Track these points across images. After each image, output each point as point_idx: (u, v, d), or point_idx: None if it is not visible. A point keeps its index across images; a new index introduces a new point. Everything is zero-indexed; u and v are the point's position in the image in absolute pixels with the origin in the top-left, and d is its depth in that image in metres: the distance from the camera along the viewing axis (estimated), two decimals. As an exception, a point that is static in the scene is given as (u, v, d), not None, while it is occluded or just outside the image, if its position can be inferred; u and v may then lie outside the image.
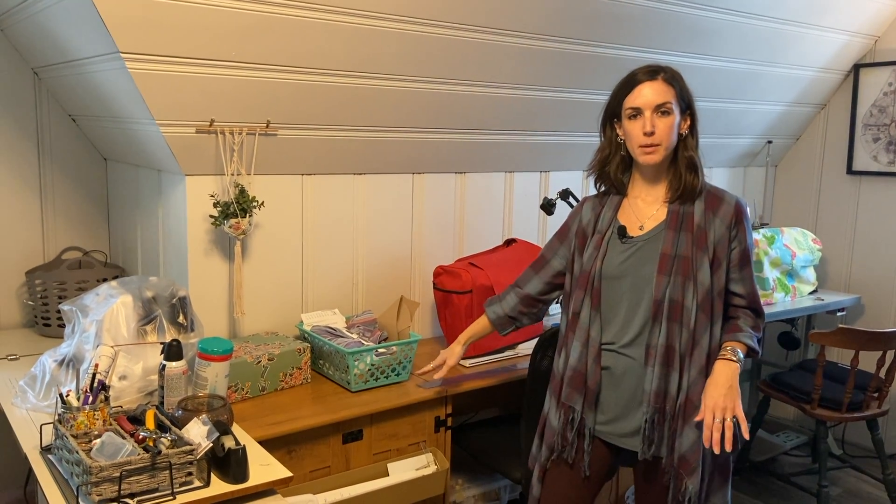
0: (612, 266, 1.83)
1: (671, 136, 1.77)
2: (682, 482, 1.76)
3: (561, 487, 1.90)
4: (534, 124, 2.91)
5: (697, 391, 1.76)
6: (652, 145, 1.76)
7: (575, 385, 1.85)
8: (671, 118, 1.76)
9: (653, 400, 1.76)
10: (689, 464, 1.75)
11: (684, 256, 1.76)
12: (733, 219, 1.78)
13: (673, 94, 1.77)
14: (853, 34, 3.45)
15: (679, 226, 1.78)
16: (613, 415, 1.84)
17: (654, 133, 1.75)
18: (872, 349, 2.93)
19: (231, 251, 2.41)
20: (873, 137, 3.62)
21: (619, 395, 1.83)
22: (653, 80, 1.77)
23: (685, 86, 1.81)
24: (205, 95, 2.13)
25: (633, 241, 1.83)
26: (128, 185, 2.74)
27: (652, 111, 1.76)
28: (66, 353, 2.00)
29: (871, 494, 3.31)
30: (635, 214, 1.86)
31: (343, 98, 2.37)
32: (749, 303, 1.82)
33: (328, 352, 2.36)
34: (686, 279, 1.75)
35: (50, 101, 2.72)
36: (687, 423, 1.76)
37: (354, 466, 2.18)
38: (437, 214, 2.92)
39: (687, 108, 1.80)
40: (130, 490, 1.48)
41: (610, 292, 1.83)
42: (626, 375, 1.81)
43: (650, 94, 1.76)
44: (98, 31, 1.91)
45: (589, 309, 1.84)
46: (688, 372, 1.76)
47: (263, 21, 2.05)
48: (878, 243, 3.67)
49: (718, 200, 1.80)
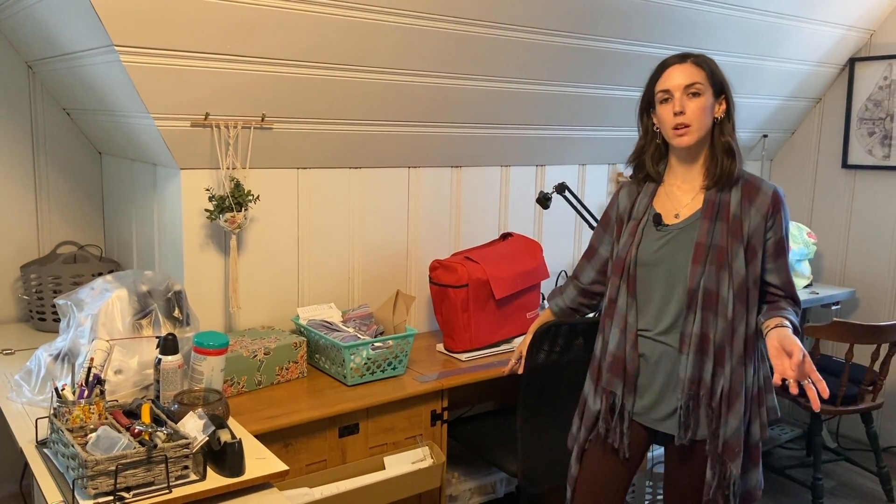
0: (646, 253, 1.85)
1: (703, 117, 1.77)
2: (726, 467, 1.79)
3: (599, 467, 1.95)
4: (530, 118, 2.90)
5: (739, 379, 1.78)
6: (683, 125, 1.76)
7: (615, 371, 1.89)
8: (702, 99, 1.76)
9: (687, 387, 1.79)
10: (733, 449, 1.78)
11: (719, 246, 1.77)
12: (770, 208, 1.77)
13: (703, 75, 1.78)
14: (849, 28, 3.45)
15: (715, 215, 1.79)
16: (650, 400, 1.87)
17: (683, 113, 1.76)
18: (867, 342, 2.94)
19: (227, 245, 2.41)
20: (868, 131, 3.63)
21: (655, 381, 1.86)
22: (682, 63, 1.79)
23: (717, 69, 1.81)
24: (200, 89, 2.12)
25: (669, 229, 1.84)
26: (123, 179, 2.74)
27: (682, 92, 1.76)
28: (62, 348, 2.00)
29: (866, 487, 3.33)
30: (671, 202, 1.86)
31: (339, 92, 2.36)
32: (786, 293, 1.81)
33: (324, 346, 2.36)
34: (721, 269, 1.76)
35: (44, 94, 2.71)
36: (731, 410, 1.78)
37: (351, 460, 2.19)
38: (434, 208, 2.92)
39: (721, 91, 1.80)
40: (126, 484, 1.48)
41: (645, 279, 1.85)
42: (661, 362, 1.84)
43: (679, 75, 1.78)
44: (92, 24, 1.90)
45: (626, 296, 1.87)
46: (729, 361, 1.77)
47: (259, 14, 2.04)
48: (873, 237, 3.68)
49: (755, 189, 1.79)
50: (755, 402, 1.83)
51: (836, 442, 3.69)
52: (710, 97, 1.78)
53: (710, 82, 1.78)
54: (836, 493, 3.27)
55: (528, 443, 2.32)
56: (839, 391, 2.96)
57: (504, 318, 2.67)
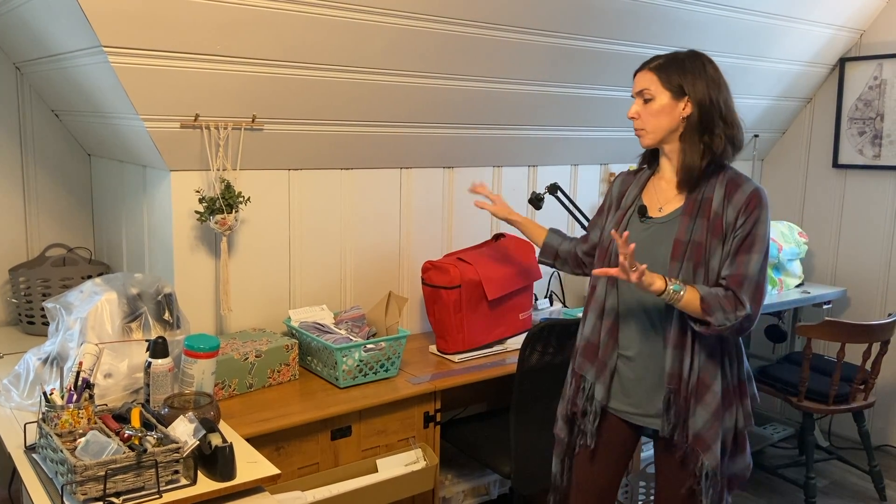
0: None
1: (654, 121, 1.82)
2: (697, 458, 1.82)
3: (587, 471, 1.99)
4: (522, 119, 2.90)
5: (708, 373, 1.81)
6: (639, 129, 1.86)
7: (587, 355, 1.94)
8: (652, 104, 1.82)
9: (667, 381, 1.82)
10: (705, 441, 1.81)
11: (698, 242, 1.78)
12: (744, 206, 1.77)
13: (655, 80, 1.82)
14: (839, 28, 3.46)
15: (695, 212, 1.80)
16: (637, 399, 1.89)
17: (636, 118, 1.86)
18: (858, 341, 2.95)
19: (217, 247, 2.39)
20: (859, 131, 3.64)
21: (643, 378, 1.88)
22: (641, 70, 1.87)
23: (676, 72, 1.81)
24: (189, 90, 2.11)
25: (651, 222, 1.87)
26: (112, 181, 2.72)
27: (638, 97, 1.86)
28: (51, 352, 1.98)
29: (858, 486, 3.34)
30: (657, 195, 1.90)
31: (330, 92, 2.35)
32: (730, 283, 1.75)
33: (316, 348, 2.35)
34: (698, 265, 1.78)
35: (32, 96, 2.69)
36: (699, 403, 1.81)
37: (343, 463, 2.18)
38: (426, 209, 2.91)
39: (682, 93, 1.80)
40: (116, 489, 1.47)
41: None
42: (651, 358, 1.86)
43: (637, 82, 1.87)
44: (80, 25, 1.88)
45: (605, 283, 1.91)
46: (699, 355, 1.80)
47: (249, 15, 2.03)
48: (864, 236, 3.69)
49: (736, 187, 1.80)
50: (737, 393, 1.87)
51: (829, 441, 3.70)
52: (664, 100, 1.81)
53: (664, 86, 1.81)
54: (828, 492, 3.28)
55: (522, 444, 2.31)
56: (831, 390, 2.97)
57: (496, 319, 2.66)
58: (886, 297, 3.63)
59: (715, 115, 1.81)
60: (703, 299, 1.73)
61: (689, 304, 1.74)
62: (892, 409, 3.64)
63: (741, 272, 1.75)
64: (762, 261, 1.77)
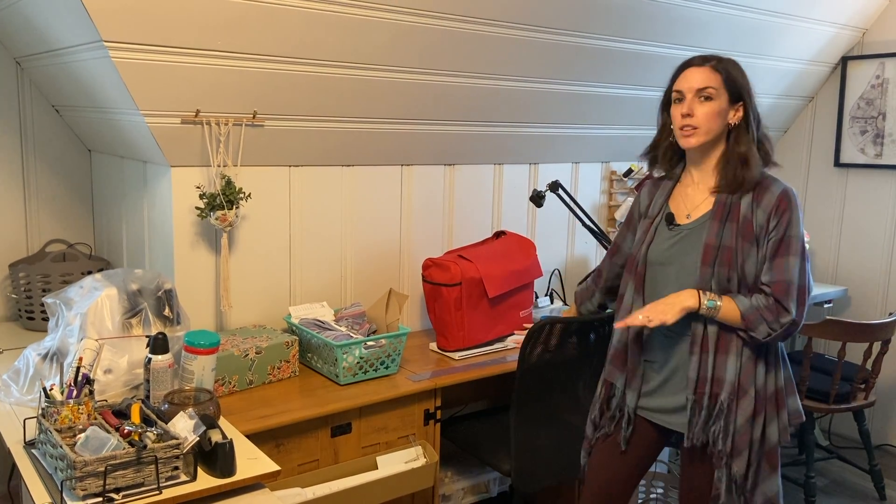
0: (657, 252, 1.86)
1: (711, 122, 1.78)
2: (731, 466, 1.79)
3: (606, 465, 1.99)
4: (523, 116, 2.89)
5: (748, 376, 1.78)
6: (689, 127, 1.78)
7: (616, 364, 1.95)
8: (712, 104, 1.77)
9: (698, 387, 1.79)
10: (737, 447, 1.79)
11: (728, 247, 1.76)
12: (774, 208, 1.74)
13: (719, 80, 1.78)
14: (841, 27, 3.45)
15: (725, 216, 1.78)
16: (654, 385, 1.89)
17: (691, 115, 1.78)
18: (859, 341, 2.94)
19: (217, 243, 2.39)
20: (860, 130, 3.63)
21: (663, 377, 1.88)
22: (700, 66, 1.81)
23: (738, 76, 1.80)
24: (190, 85, 2.10)
25: (680, 229, 1.85)
26: (112, 177, 2.71)
27: (693, 95, 1.78)
28: (50, 347, 1.98)
29: (858, 485, 3.34)
30: (685, 202, 1.88)
31: (331, 89, 2.35)
32: (774, 291, 1.73)
33: (316, 345, 2.35)
34: (731, 269, 1.76)
35: (33, 91, 2.68)
36: (739, 408, 1.78)
37: (343, 460, 2.17)
38: (427, 206, 2.90)
39: (738, 98, 1.79)
40: (116, 485, 1.46)
41: (656, 278, 1.87)
42: (671, 358, 1.86)
43: (693, 78, 1.79)
44: (81, 20, 1.88)
45: (632, 292, 1.90)
46: (738, 358, 1.78)
47: (250, 11, 2.02)
48: (865, 236, 3.69)
49: (764, 190, 1.77)
50: (771, 402, 1.81)
51: (829, 440, 3.70)
52: (723, 102, 1.78)
53: (726, 87, 1.78)
54: (828, 491, 3.27)
55: (522, 442, 2.31)
56: (831, 389, 2.97)
57: (497, 317, 2.66)
58: (887, 297, 3.63)
59: (754, 124, 1.80)
60: (743, 317, 1.72)
61: (727, 316, 1.73)
62: (893, 408, 3.63)
63: (781, 278, 1.73)
64: (801, 262, 1.74)
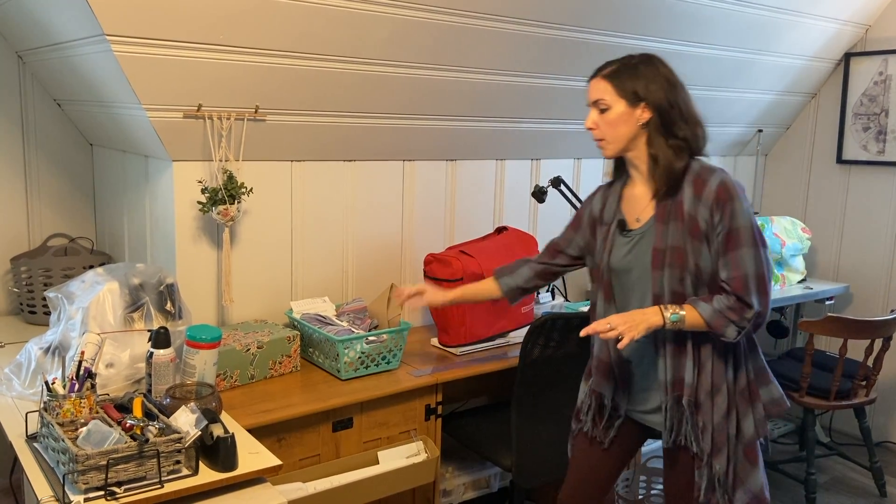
0: (617, 259, 1.85)
1: (614, 130, 1.78)
2: (712, 464, 1.79)
3: (587, 456, 2.01)
4: (525, 112, 2.89)
5: (719, 372, 1.78)
6: (597, 139, 1.83)
7: (602, 374, 1.94)
8: (609, 113, 1.78)
9: (669, 389, 1.79)
10: (717, 445, 1.79)
11: (677, 247, 1.73)
12: (714, 202, 1.70)
13: (609, 88, 1.77)
14: (844, 23, 3.45)
15: (667, 218, 1.76)
16: (637, 394, 1.91)
17: (594, 129, 1.82)
18: (861, 337, 2.94)
19: (219, 238, 2.39)
20: (863, 127, 3.63)
21: (638, 377, 1.89)
22: (593, 78, 1.82)
23: (631, 77, 1.76)
24: (192, 80, 2.10)
25: (632, 234, 1.84)
26: (114, 171, 2.71)
27: (593, 108, 1.82)
28: (52, 341, 1.98)
29: (858, 482, 3.34)
30: (633, 206, 1.86)
31: (333, 84, 2.34)
32: (733, 288, 1.70)
33: (318, 340, 2.35)
34: (683, 270, 1.73)
35: (35, 85, 2.68)
36: (715, 406, 1.78)
37: (344, 455, 2.18)
38: (428, 202, 2.90)
39: (639, 99, 1.76)
40: (117, 478, 1.46)
41: (621, 284, 1.86)
42: (643, 361, 1.87)
43: (590, 91, 1.83)
44: (83, 13, 1.87)
45: (603, 301, 1.89)
46: (709, 358, 1.77)
47: (252, 5, 2.02)
48: (867, 232, 3.68)
49: (703, 184, 1.73)
50: (743, 396, 1.80)
51: (829, 437, 3.70)
52: (621, 108, 1.76)
53: (619, 93, 1.76)
54: (828, 488, 3.28)
55: (523, 437, 2.31)
56: (832, 386, 2.97)
57: (498, 313, 2.66)
58: (889, 294, 3.62)
59: (675, 116, 1.75)
60: (708, 324, 1.70)
61: (693, 325, 1.72)
62: (894, 405, 3.63)
63: (737, 273, 1.70)
64: (754, 251, 1.70)
